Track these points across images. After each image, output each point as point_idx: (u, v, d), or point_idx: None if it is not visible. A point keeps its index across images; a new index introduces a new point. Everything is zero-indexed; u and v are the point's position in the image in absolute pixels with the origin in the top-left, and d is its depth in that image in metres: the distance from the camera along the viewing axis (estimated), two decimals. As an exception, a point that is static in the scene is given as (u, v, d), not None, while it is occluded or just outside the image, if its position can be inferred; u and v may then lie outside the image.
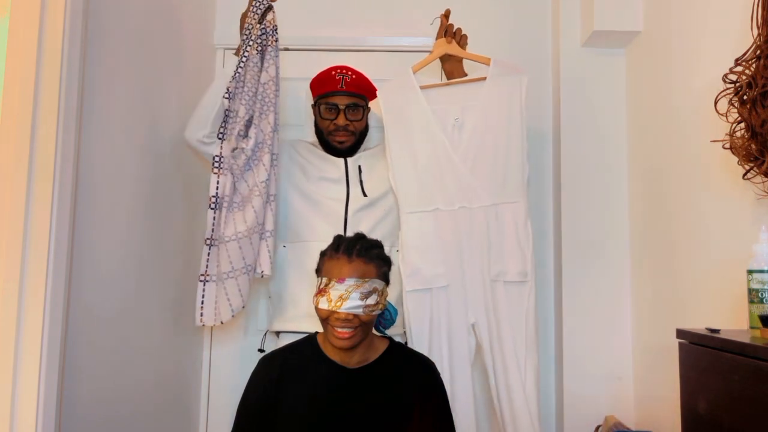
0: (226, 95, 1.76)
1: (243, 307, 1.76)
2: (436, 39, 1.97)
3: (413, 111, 1.88)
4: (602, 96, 2.14)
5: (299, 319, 1.85)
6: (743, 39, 1.33)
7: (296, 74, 2.20)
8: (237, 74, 1.77)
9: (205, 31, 2.27)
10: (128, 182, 1.66)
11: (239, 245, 1.72)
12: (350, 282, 1.33)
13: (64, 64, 1.33)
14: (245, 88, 1.77)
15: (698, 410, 1.03)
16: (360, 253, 1.35)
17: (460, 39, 1.97)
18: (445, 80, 1.99)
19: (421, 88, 1.89)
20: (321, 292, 1.35)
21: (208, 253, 1.74)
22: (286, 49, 2.34)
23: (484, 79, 1.88)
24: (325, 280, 1.36)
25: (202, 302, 1.73)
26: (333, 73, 1.95)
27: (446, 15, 1.99)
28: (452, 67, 1.99)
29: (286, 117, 2.29)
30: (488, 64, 1.90)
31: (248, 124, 1.78)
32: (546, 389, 2.18)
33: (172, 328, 1.98)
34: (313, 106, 2.02)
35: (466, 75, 1.98)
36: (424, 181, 1.85)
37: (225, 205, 1.74)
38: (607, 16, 2.01)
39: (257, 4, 1.81)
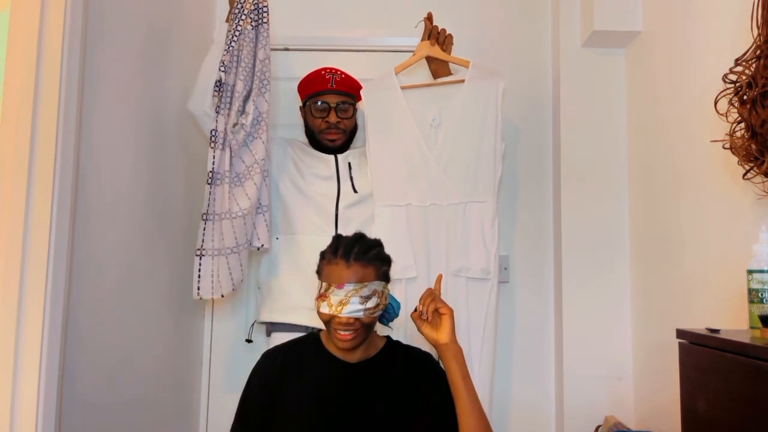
0: (222, 68, 1.72)
1: (242, 280, 1.80)
2: (421, 41, 2.02)
3: (393, 110, 1.95)
4: (602, 96, 2.15)
5: (289, 311, 1.87)
6: (743, 39, 1.33)
7: (296, 74, 2.20)
8: (230, 47, 1.72)
9: (205, 29, 2.27)
10: (129, 180, 1.66)
11: (244, 221, 1.72)
12: (349, 287, 1.33)
13: (64, 62, 1.33)
14: (241, 63, 1.73)
15: (698, 410, 1.03)
16: (358, 257, 1.35)
17: (444, 40, 2.01)
18: (431, 80, 2.05)
19: (402, 88, 1.97)
20: (321, 297, 1.36)
21: (204, 228, 1.74)
22: (286, 49, 2.34)
23: (463, 81, 1.95)
24: (324, 285, 1.36)
25: (199, 276, 1.73)
26: (323, 72, 1.99)
27: (429, 18, 2.04)
28: (437, 67, 2.04)
29: (286, 117, 2.30)
30: (468, 67, 1.96)
31: (245, 99, 1.75)
32: (546, 389, 2.19)
33: (173, 325, 1.98)
34: (302, 107, 2.05)
35: (451, 74, 2.03)
36: (398, 177, 1.93)
37: (226, 180, 1.73)
38: (607, 16, 2.01)
39: None
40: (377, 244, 1.44)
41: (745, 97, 1.19)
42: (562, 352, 2.08)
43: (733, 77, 1.23)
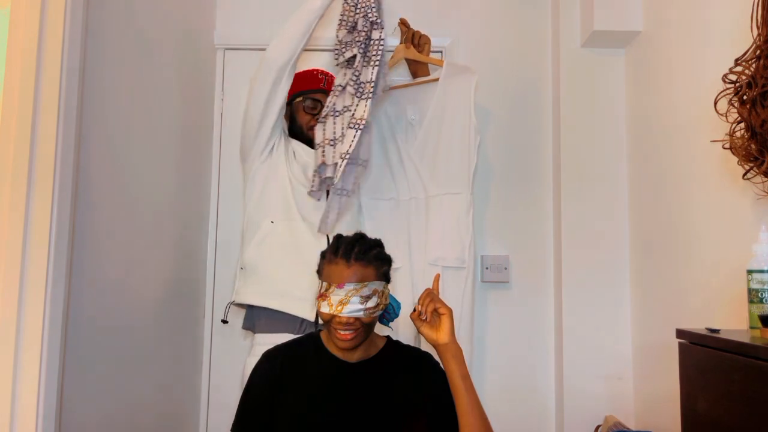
0: (378, 21, 1.80)
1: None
2: (398, 44, 2.10)
3: (376, 110, 2.06)
4: (602, 96, 2.15)
5: (273, 296, 1.84)
6: (743, 39, 1.33)
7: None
8: (382, 44, 1.82)
9: (205, 31, 2.27)
10: (128, 181, 1.66)
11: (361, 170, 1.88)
12: (350, 287, 1.33)
13: (64, 64, 1.33)
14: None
15: (698, 410, 1.03)
16: (358, 257, 1.35)
17: (419, 40, 2.09)
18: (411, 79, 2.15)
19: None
20: (322, 296, 1.36)
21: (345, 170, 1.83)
22: (286, 49, 2.34)
23: (438, 80, 2.04)
24: (325, 284, 1.37)
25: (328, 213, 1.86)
26: (315, 72, 2.05)
27: (404, 23, 2.11)
28: (416, 68, 2.14)
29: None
30: (442, 66, 2.04)
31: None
32: (546, 389, 2.19)
33: (173, 325, 1.98)
34: (290, 103, 2.04)
35: (430, 74, 2.12)
36: (384, 173, 2.07)
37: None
38: (607, 16, 2.01)
39: None
40: (378, 244, 1.44)
41: (745, 97, 1.19)
42: (562, 352, 2.08)
43: (733, 77, 1.23)
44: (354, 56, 1.84)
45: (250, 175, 1.93)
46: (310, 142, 2.00)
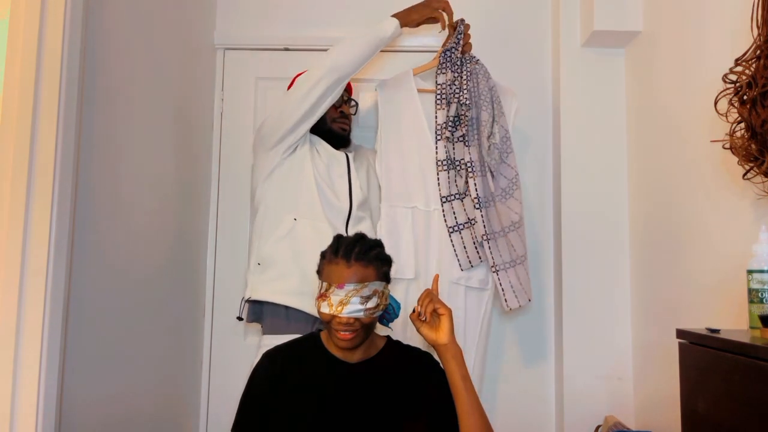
0: (467, 102, 1.89)
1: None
2: (442, 46, 2.03)
3: (408, 111, 1.97)
4: (602, 96, 2.15)
5: (287, 294, 1.82)
6: (743, 39, 1.33)
7: (295, 74, 2.20)
8: (468, 86, 1.91)
9: (205, 31, 2.27)
10: (129, 181, 1.66)
11: (518, 234, 1.92)
12: (350, 287, 1.33)
13: (64, 64, 1.33)
14: (481, 96, 1.92)
15: (698, 410, 1.03)
16: (358, 257, 1.35)
17: (462, 48, 2.01)
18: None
19: (419, 90, 1.99)
20: (322, 296, 1.36)
21: (489, 248, 1.86)
22: (286, 49, 2.34)
23: None
24: (325, 285, 1.36)
25: (503, 290, 1.87)
26: None
27: (454, 26, 2.03)
28: None
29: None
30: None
31: (492, 125, 1.96)
32: (546, 389, 2.19)
33: (173, 325, 1.98)
34: None
35: None
36: (408, 179, 1.95)
37: (496, 199, 1.90)
38: (607, 16, 2.01)
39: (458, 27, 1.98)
40: (378, 244, 1.44)
41: (745, 97, 1.19)
42: (563, 353, 2.08)
43: (733, 77, 1.23)
44: (463, 135, 1.90)
45: (266, 169, 1.89)
46: (329, 137, 1.99)
